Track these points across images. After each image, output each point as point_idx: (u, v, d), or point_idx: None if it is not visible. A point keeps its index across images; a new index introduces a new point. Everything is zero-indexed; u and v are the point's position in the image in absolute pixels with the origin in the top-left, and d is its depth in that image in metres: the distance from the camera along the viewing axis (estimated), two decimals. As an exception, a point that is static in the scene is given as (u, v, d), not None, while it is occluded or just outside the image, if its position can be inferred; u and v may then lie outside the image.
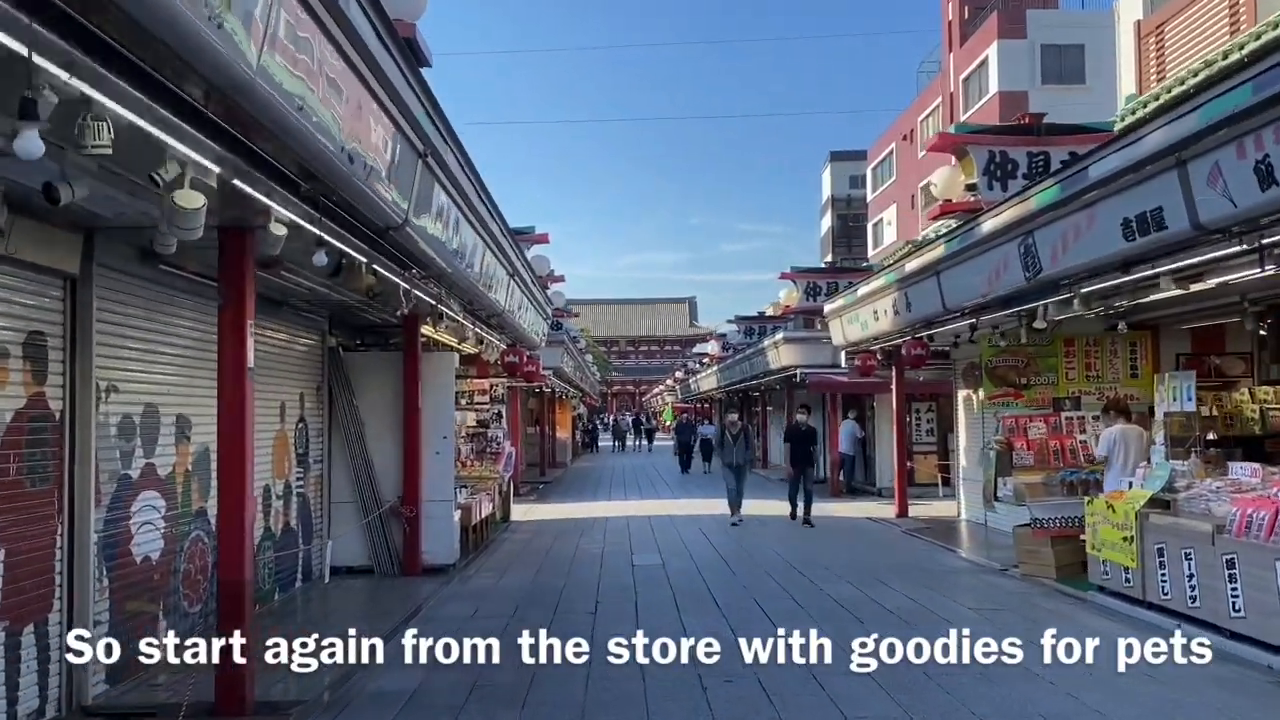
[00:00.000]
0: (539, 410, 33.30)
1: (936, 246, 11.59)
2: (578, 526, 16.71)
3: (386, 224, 6.36)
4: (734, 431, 16.97)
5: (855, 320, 15.99)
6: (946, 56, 46.32)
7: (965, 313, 11.83)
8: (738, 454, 16.60)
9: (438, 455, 11.93)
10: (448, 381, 12.08)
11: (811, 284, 22.94)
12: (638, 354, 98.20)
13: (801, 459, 16.83)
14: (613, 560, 12.51)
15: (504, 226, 10.55)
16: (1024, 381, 11.72)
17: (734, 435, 16.86)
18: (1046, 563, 10.77)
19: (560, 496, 23.27)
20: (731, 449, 16.71)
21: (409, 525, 11.56)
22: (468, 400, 17.21)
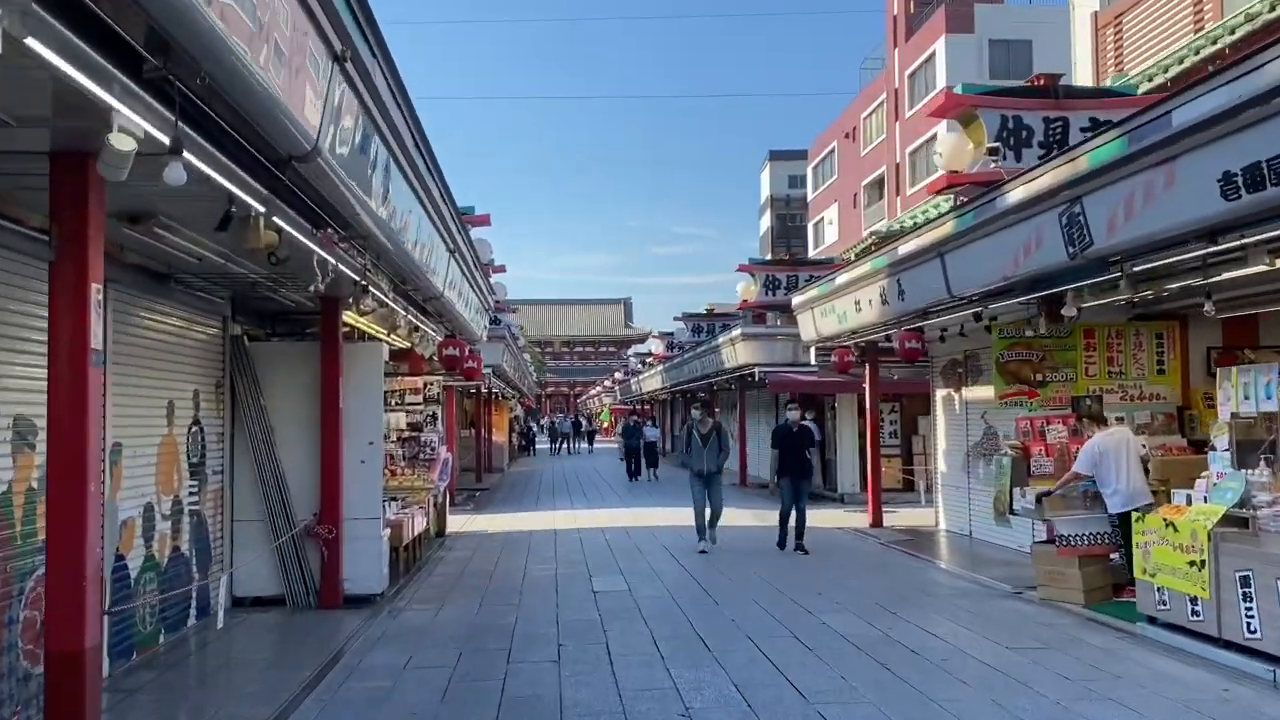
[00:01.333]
0: (475, 411, 31.39)
1: (941, 224, 10.12)
2: (523, 541, 14.95)
3: (290, 151, 4.60)
4: (704, 430, 13.51)
5: (831, 312, 14.50)
6: (891, 52, 45.45)
7: (973, 300, 10.37)
8: (709, 459, 13.29)
9: (363, 464, 10.11)
10: (375, 377, 10.26)
11: (771, 277, 21.46)
12: (572, 355, 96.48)
13: (795, 469, 13.30)
14: (569, 585, 10.80)
15: (444, 189, 8.80)
16: (1039, 378, 10.31)
17: (704, 435, 13.43)
18: (1072, 586, 9.35)
19: (500, 505, 21.45)
20: (701, 453, 13.30)
21: (327, 548, 9.73)
22: (398, 400, 15.36)
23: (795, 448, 13.44)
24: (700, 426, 13.63)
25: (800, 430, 13.71)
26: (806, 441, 13.73)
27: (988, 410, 14.14)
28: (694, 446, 13.46)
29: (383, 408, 10.39)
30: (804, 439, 13.69)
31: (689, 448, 13.54)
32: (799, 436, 13.60)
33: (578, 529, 16.47)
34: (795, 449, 13.43)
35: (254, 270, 7.81)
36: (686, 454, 13.68)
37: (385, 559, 10.38)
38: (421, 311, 10.90)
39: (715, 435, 13.46)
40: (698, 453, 13.39)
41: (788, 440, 13.54)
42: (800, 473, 13.29)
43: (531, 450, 47.56)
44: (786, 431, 13.67)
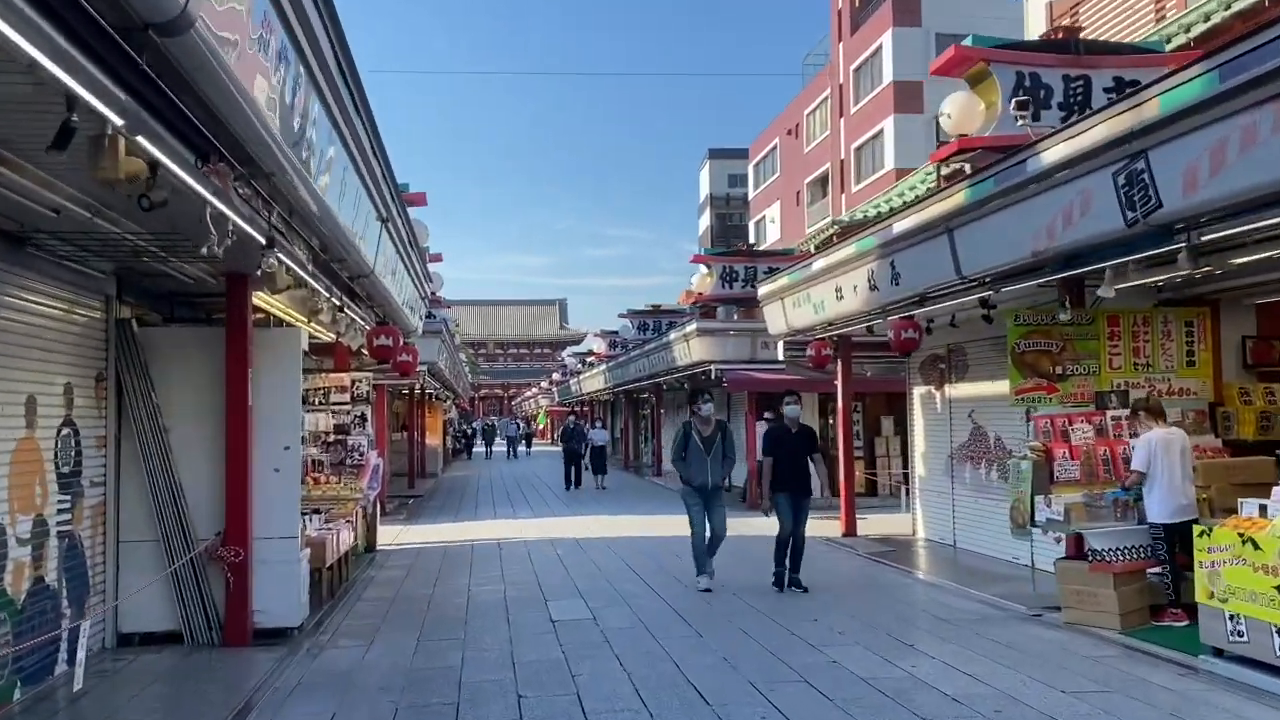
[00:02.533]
0: (408, 413, 29.61)
1: (949, 195, 8.83)
2: (464, 556, 13.38)
3: (146, 14, 3.07)
4: (706, 432, 10.34)
5: (805, 302, 13.19)
6: (836, 47, 44.64)
7: (985, 282, 9.12)
8: (713, 469, 10.24)
9: (277, 473, 8.50)
10: (292, 369, 8.65)
11: (728, 268, 20.14)
12: (506, 356, 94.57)
13: (796, 482, 10.31)
14: (522, 612, 9.29)
15: (375, 138, 7.26)
16: (1059, 371, 9.09)
17: (706, 438, 10.30)
18: (1106, 608, 8.13)
19: (436, 514, 19.79)
20: (703, 461, 10.20)
21: (234, 573, 8.10)
22: (322, 399, 13.68)
23: (795, 454, 10.34)
24: (701, 427, 10.38)
25: (801, 432, 10.57)
26: (809, 446, 10.52)
27: (976, 409, 12.99)
28: (693, 452, 10.25)
29: (301, 406, 8.78)
30: (806, 443, 10.51)
31: (685, 453, 10.32)
32: (800, 440, 10.47)
33: (524, 541, 14.93)
34: (795, 456, 10.33)
35: (132, 230, 6.20)
36: (682, 461, 10.34)
37: (304, 584, 8.78)
38: (349, 294, 9.31)
39: (720, 438, 10.32)
40: (698, 460, 10.22)
41: (786, 445, 10.37)
42: (802, 487, 10.31)
43: (470, 453, 45.69)
44: (783, 434, 10.51)
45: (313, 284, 7.14)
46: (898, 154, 37.57)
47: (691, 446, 10.30)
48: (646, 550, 13.54)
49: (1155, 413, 8.30)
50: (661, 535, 15.17)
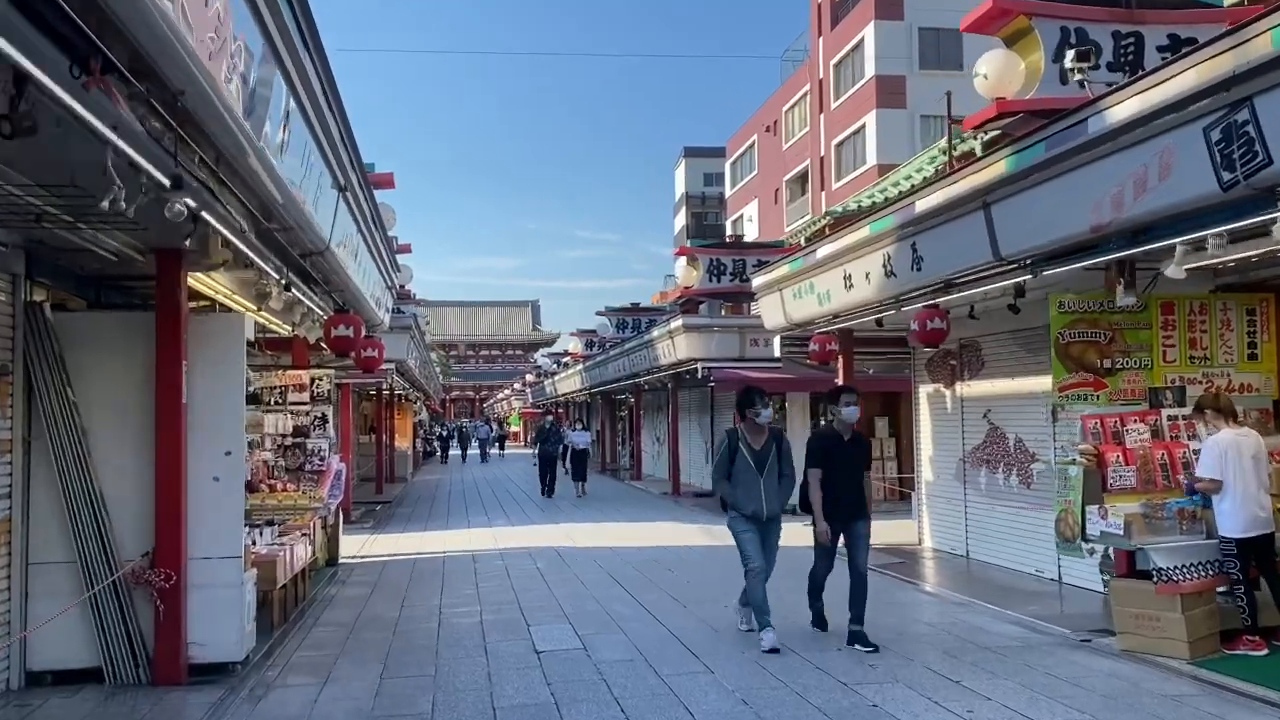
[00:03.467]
0: (376, 415, 28.33)
1: (989, 164, 7.79)
2: (434, 570, 12.20)
3: None
4: (757, 445, 7.90)
5: (808, 292, 12.12)
6: (815, 41, 43.79)
7: (1025, 264, 8.08)
8: (769, 493, 7.81)
9: (217, 482, 7.30)
10: (234, 361, 7.45)
11: (715, 261, 19.07)
12: (478, 358, 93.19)
13: (850, 504, 8.00)
14: (502, 640, 8.14)
15: (331, 90, 6.11)
16: (1107, 364, 8.07)
17: (757, 451, 7.86)
18: (1172, 634, 7.11)
19: (405, 522, 18.57)
20: (755, 481, 7.78)
21: (165, 600, 6.90)
22: (279, 398, 12.48)
23: (849, 469, 8.00)
24: (752, 437, 7.89)
25: (856, 441, 8.19)
26: (864, 459, 8.32)
27: (992, 408, 11.98)
28: (741, 470, 7.81)
29: (244, 404, 7.60)
30: (862, 455, 8.27)
31: (731, 470, 7.89)
32: (854, 451, 8.11)
33: (500, 552, 13.77)
34: (849, 471, 7.99)
35: (20, 184, 5.00)
36: (727, 483, 7.92)
37: (249, 611, 7.58)
38: (303, 277, 8.12)
39: (775, 452, 7.88)
40: (748, 481, 7.78)
41: (838, 457, 7.96)
42: (857, 510, 8.02)
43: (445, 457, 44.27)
44: (834, 442, 8.06)
45: (253, 258, 5.96)
46: (880, 150, 36.74)
47: (740, 463, 7.82)
48: (634, 562, 12.41)
49: (1226, 412, 7.31)
50: (648, 545, 14.08)
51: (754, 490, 7.81)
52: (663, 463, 28.53)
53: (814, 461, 8.06)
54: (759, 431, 7.96)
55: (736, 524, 7.91)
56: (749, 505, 7.81)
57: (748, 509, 7.82)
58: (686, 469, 25.01)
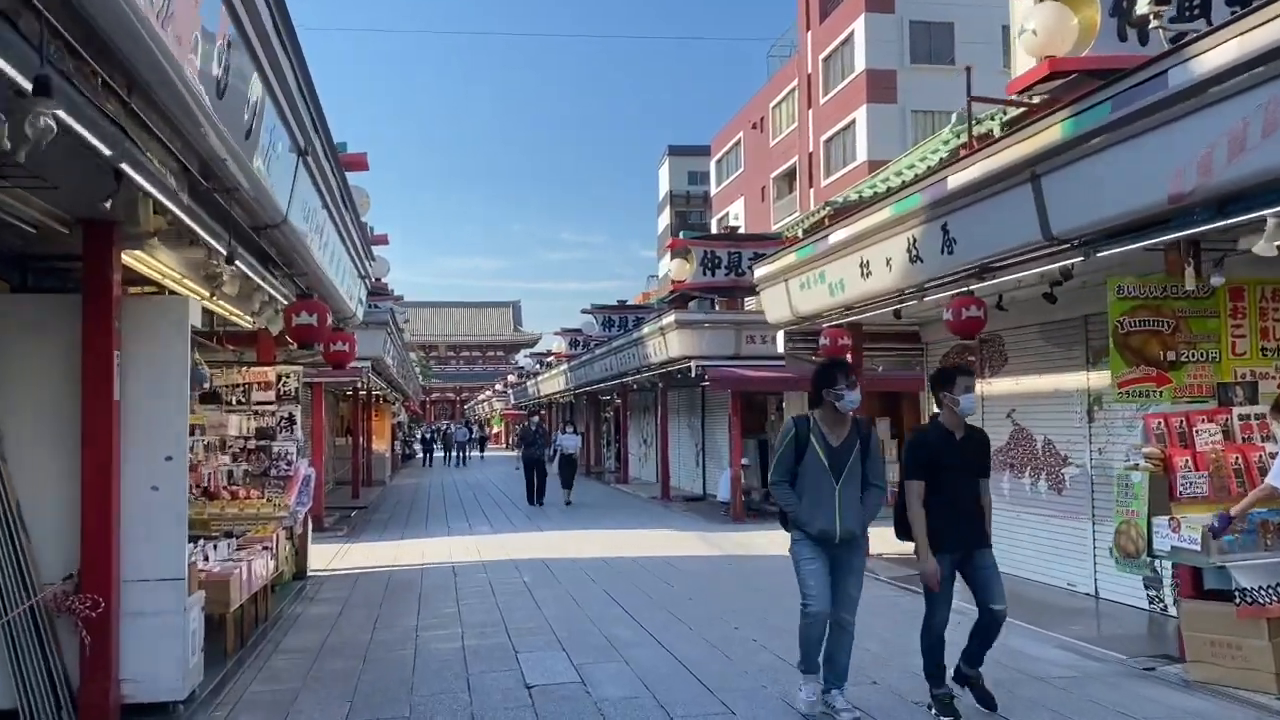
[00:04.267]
0: (352, 416, 27.26)
1: (1041, 131, 6.86)
2: (412, 585, 11.19)
3: None
4: (837, 438, 5.84)
5: (819, 282, 11.19)
6: (803, 36, 42.98)
7: (1077, 244, 7.16)
8: (847, 504, 5.77)
9: (156, 492, 6.29)
10: (176, 351, 6.43)
11: (710, 254, 18.12)
12: (459, 359, 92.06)
13: (963, 523, 5.93)
14: (487, 671, 7.14)
15: (288, 36, 5.12)
16: (1170, 357, 7.17)
17: (837, 447, 5.81)
18: (1257, 665, 6.22)
19: (381, 529, 17.52)
20: (829, 487, 5.74)
21: (92, 630, 5.88)
22: (241, 397, 11.43)
23: (967, 476, 5.98)
24: (830, 427, 5.83)
25: (973, 439, 6.10)
26: (984, 460, 6.19)
27: (1017, 407, 11.09)
28: (813, 472, 5.78)
29: (189, 399, 6.58)
30: (980, 457, 6.13)
31: (795, 473, 5.84)
32: (972, 451, 6.04)
33: (483, 563, 12.76)
34: (963, 481, 5.95)
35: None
36: (787, 488, 5.87)
37: (195, 640, 6.56)
38: (262, 259, 7.09)
39: (859, 449, 5.84)
40: (819, 487, 5.76)
41: (947, 460, 5.91)
42: (978, 534, 5.97)
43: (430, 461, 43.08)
44: (944, 442, 5.96)
45: (190, 224, 4.95)
46: (871, 145, 35.96)
47: (810, 463, 5.75)
48: (629, 575, 11.44)
49: (1310, 409, 6.41)
50: (641, 555, 13.11)
51: (826, 501, 5.68)
52: (650, 465, 27.58)
53: (917, 470, 5.87)
54: (840, 421, 5.78)
55: (800, 547, 5.81)
56: (817, 521, 5.68)
57: (815, 526, 5.68)
58: (676, 472, 24.06)
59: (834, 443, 5.80)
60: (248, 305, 8.61)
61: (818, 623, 5.78)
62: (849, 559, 5.87)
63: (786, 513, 5.91)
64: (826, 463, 5.76)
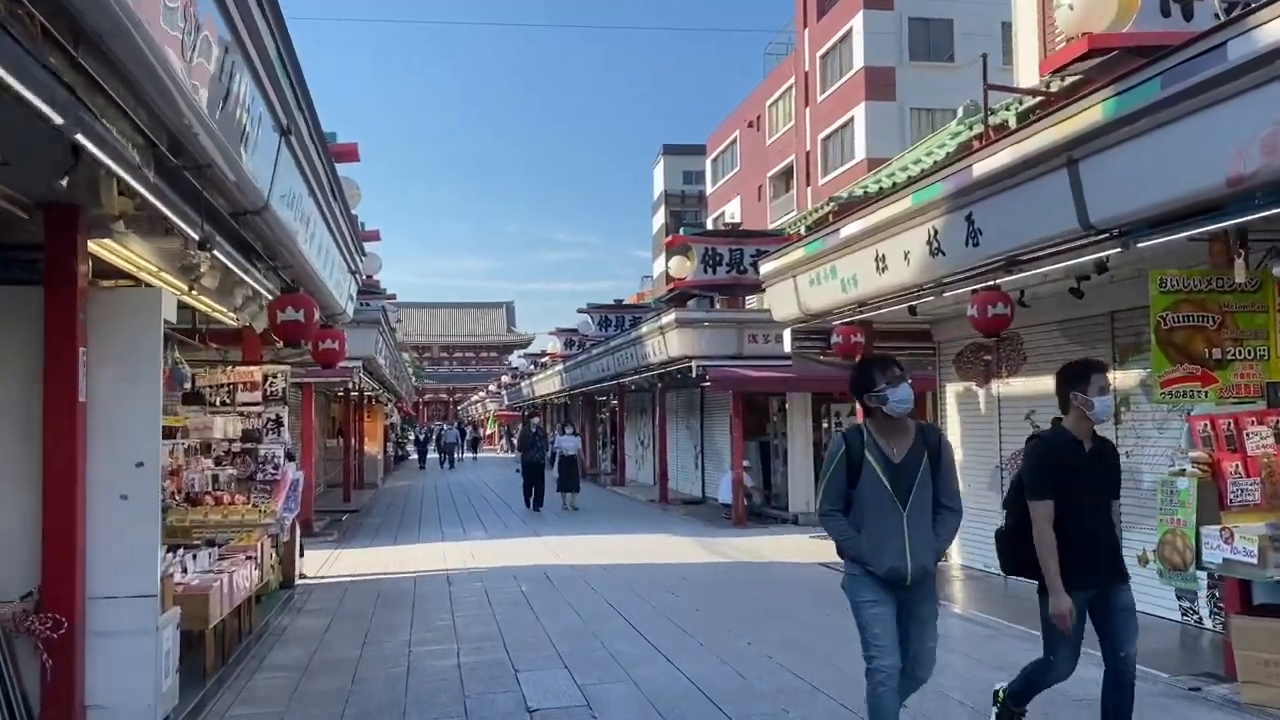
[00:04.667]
0: (344, 418, 26.73)
1: (1079, 112, 6.40)
2: (404, 594, 10.69)
3: None
4: (898, 452, 4.62)
5: (829, 278, 10.71)
6: (800, 33, 42.56)
7: (1116, 234, 6.70)
8: (917, 533, 4.57)
9: (125, 501, 5.78)
10: (148, 348, 5.93)
11: (711, 250, 17.64)
12: (452, 360, 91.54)
13: (1099, 544, 4.84)
14: (484, 692, 6.65)
15: (270, 3, 4.63)
16: (1216, 355, 6.71)
17: (899, 464, 4.61)
18: (1317, 687, 5.75)
19: (373, 534, 17.00)
20: (895, 513, 4.56)
21: (53, 653, 5.38)
22: (226, 398, 10.93)
23: (1100, 496, 4.91)
24: (886, 440, 4.65)
25: (1103, 452, 5.00)
26: (1116, 477, 5.12)
27: (1037, 409, 10.61)
28: (870, 494, 4.59)
29: (161, 400, 6.07)
30: (1114, 471, 5.08)
31: (851, 497, 4.64)
32: (1101, 465, 4.95)
33: (478, 571, 12.26)
34: (1100, 501, 4.91)
35: None
36: (840, 517, 4.64)
37: (169, 660, 6.06)
38: (244, 250, 6.59)
39: (928, 461, 4.64)
40: (881, 514, 4.57)
41: (1072, 476, 4.81)
42: (1115, 566, 4.96)
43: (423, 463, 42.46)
44: (1073, 454, 4.88)
45: (157, 204, 4.45)
46: (870, 143, 35.55)
47: (867, 485, 4.58)
48: (631, 584, 10.95)
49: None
50: (643, 563, 12.64)
51: (892, 532, 4.51)
52: (647, 467, 27.10)
53: (1043, 488, 4.78)
54: (898, 430, 4.62)
55: (859, 588, 4.61)
56: (883, 558, 4.51)
57: (881, 564, 4.51)
58: (674, 475, 23.58)
59: (895, 458, 4.56)
60: (230, 300, 8.14)
61: (889, 684, 4.52)
62: (921, 602, 4.67)
63: (841, 546, 4.68)
64: (889, 484, 4.53)
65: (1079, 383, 4.94)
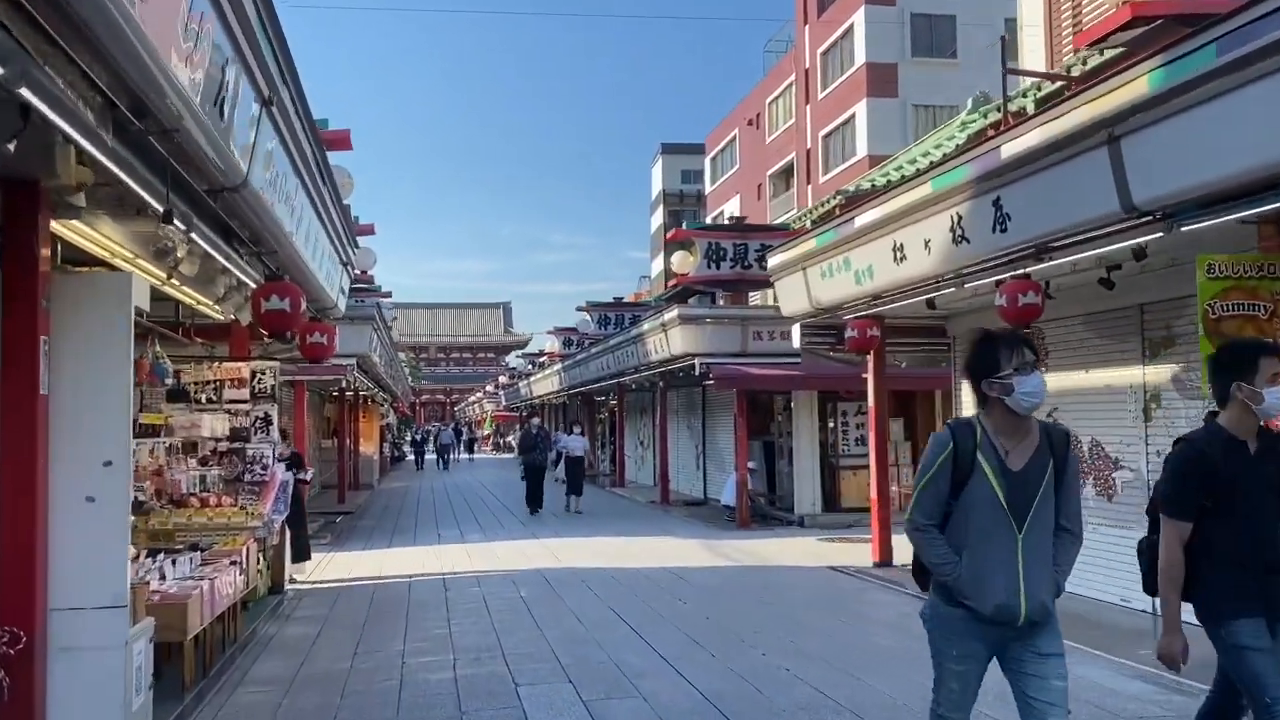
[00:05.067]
0: (339, 418, 26.26)
1: (1121, 85, 5.96)
2: (399, 601, 10.22)
3: None
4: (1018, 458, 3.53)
5: (843, 269, 10.27)
6: (801, 30, 42.15)
7: (1159, 216, 6.26)
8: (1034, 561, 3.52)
9: (91, 504, 5.31)
10: (117, 336, 5.45)
11: (715, 245, 17.17)
12: (449, 361, 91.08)
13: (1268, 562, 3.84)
14: (483, 708, 6.17)
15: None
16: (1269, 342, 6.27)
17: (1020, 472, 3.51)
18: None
19: (367, 536, 16.53)
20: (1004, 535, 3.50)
21: (10, 670, 4.90)
22: (212, 395, 10.47)
23: (1269, 505, 3.89)
24: (1005, 440, 3.56)
25: (1271, 454, 3.96)
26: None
27: (1059, 406, 10.17)
28: (975, 510, 3.54)
29: (130, 395, 5.61)
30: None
31: (953, 509, 3.60)
32: (1267, 468, 3.92)
33: (476, 576, 11.79)
34: (1269, 510, 3.89)
35: None
36: (935, 530, 3.62)
37: (140, 677, 5.59)
38: (223, 232, 6.12)
39: (1051, 471, 3.55)
40: (990, 537, 3.51)
41: (1230, 481, 3.88)
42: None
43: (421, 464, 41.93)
44: (1234, 455, 3.91)
45: (111, 167, 3.98)
46: (871, 140, 35.14)
47: (977, 496, 3.54)
48: (635, 589, 10.50)
49: None
50: (647, 566, 12.17)
51: (1004, 560, 3.49)
52: (647, 468, 26.64)
53: (1183, 504, 3.93)
54: (1020, 430, 3.57)
55: (948, 631, 3.63)
56: (989, 593, 3.48)
57: (986, 600, 3.49)
58: (675, 476, 23.10)
59: (1014, 464, 3.52)
60: (212, 290, 7.64)
61: None
62: (1038, 649, 3.53)
63: (933, 571, 3.62)
64: (1004, 498, 3.48)
65: (1244, 371, 3.90)
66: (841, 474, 17.28)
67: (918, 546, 3.66)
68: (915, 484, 3.68)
